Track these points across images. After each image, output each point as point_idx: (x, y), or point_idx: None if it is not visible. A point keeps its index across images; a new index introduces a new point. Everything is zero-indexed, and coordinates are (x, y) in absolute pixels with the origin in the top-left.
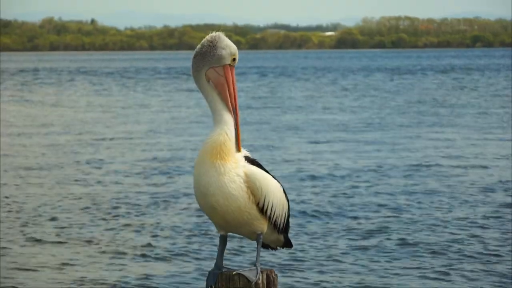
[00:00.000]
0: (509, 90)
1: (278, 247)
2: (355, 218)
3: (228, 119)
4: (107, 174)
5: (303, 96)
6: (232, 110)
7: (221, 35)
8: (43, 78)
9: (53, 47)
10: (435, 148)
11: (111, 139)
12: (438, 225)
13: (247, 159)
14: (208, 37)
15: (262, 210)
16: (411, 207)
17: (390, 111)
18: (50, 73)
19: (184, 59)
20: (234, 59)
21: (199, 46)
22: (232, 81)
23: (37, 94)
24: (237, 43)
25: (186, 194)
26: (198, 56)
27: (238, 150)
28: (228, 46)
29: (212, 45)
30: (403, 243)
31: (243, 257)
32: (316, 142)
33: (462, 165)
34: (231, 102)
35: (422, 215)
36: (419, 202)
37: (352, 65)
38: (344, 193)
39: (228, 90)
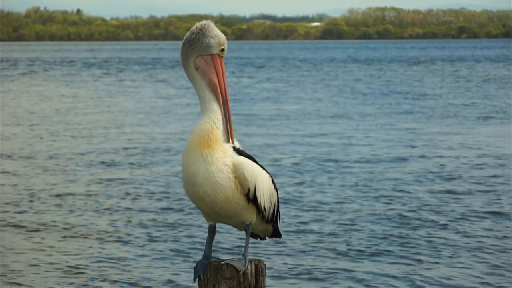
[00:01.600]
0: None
1: (267, 237)
2: (344, 208)
3: (216, 108)
4: (81, 164)
5: (267, 88)
6: (221, 99)
7: (210, 23)
8: (21, 68)
9: (39, 37)
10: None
11: (80, 128)
12: (432, 219)
13: (235, 149)
14: (197, 24)
15: (250, 200)
16: (402, 198)
17: (346, 101)
18: (29, 63)
19: (165, 49)
20: (222, 49)
21: (188, 33)
22: (222, 70)
23: (10, 84)
24: (223, 33)
25: (172, 183)
26: (187, 43)
27: (231, 141)
28: (217, 35)
29: (201, 33)
30: (394, 234)
31: (231, 247)
32: (272, 134)
33: (431, 155)
34: (221, 91)
35: (415, 207)
36: (410, 193)
37: (332, 55)
38: (333, 183)
39: (218, 80)
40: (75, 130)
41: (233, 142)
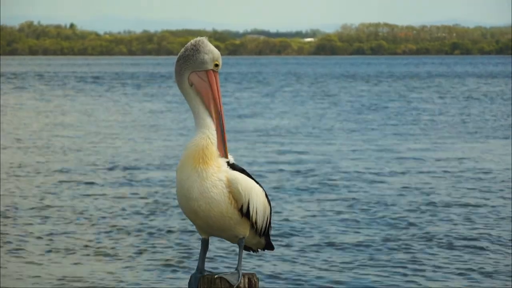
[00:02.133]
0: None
1: (259, 249)
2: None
3: (210, 123)
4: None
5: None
6: (216, 115)
7: (204, 40)
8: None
9: (32, 51)
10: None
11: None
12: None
13: (230, 164)
14: (191, 41)
15: (244, 214)
16: (399, 204)
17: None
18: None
19: (160, 64)
20: (216, 65)
21: (182, 50)
22: (216, 86)
23: None
24: (216, 48)
25: (161, 195)
26: (181, 60)
27: (226, 156)
28: (211, 51)
29: (195, 49)
30: (387, 239)
31: (225, 261)
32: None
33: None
34: (215, 107)
35: (411, 212)
36: (407, 199)
37: (322, 71)
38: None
39: (213, 95)
40: (62, 144)
41: (227, 157)
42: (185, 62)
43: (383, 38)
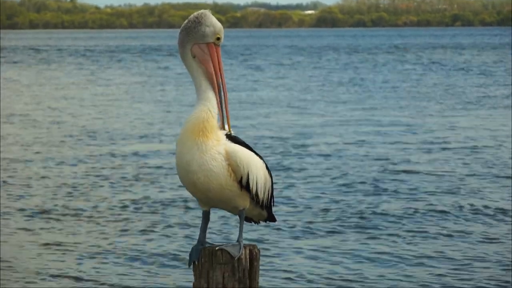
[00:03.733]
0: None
1: (260, 221)
2: (342, 195)
3: (211, 96)
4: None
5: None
6: (218, 88)
7: (207, 12)
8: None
9: (33, 25)
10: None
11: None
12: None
13: (229, 136)
14: (195, 13)
15: (243, 187)
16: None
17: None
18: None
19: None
20: (218, 38)
21: (185, 21)
22: (218, 59)
23: None
24: (218, 21)
25: (164, 169)
26: (183, 31)
27: (228, 129)
28: (212, 24)
29: (197, 22)
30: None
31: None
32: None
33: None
34: (217, 80)
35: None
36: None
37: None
38: (332, 171)
39: (214, 69)
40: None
41: (229, 130)
42: (187, 34)
43: (384, 9)
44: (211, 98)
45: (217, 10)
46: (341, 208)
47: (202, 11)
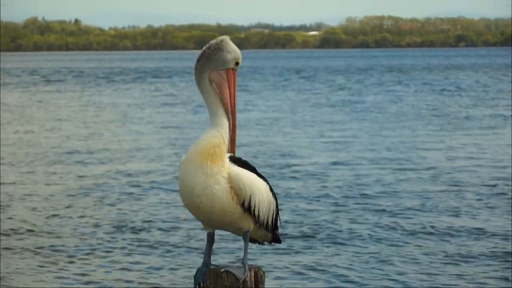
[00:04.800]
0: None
1: (265, 242)
2: (354, 219)
3: (225, 122)
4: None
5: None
6: (230, 112)
7: (227, 39)
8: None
9: (37, 47)
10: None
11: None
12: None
13: (232, 158)
14: (215, 40)
15: (246, 209)
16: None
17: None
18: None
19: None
20: (237, 63)
21: (205, 48)
22: (234, 84)
23: None
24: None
25: (168, 189)
26: (204, 58)
27: (233, 151)
28: (233, 50)
29: (218, 48)
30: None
31: (231, 255)
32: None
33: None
34: (230, 104)
35: (415, 214)
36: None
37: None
38: (336, 191)
39: (230, 93)
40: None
41: (234, 154)
42: (208, 60)
43: (388, 30)
44: (225, 124)
45: (221, 31)
46: (342, 227)
47: (222, 37)
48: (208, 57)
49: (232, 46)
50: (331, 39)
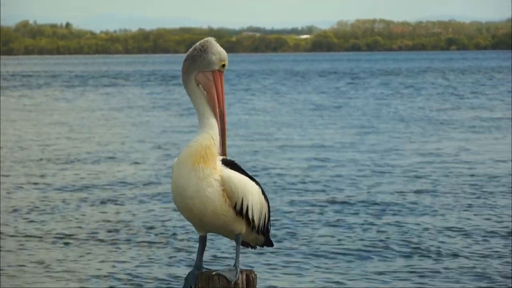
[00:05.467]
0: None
1: (257, 246)
2: (340, 217)
3: (214, 123)
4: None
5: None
6: (219, 114)
7: (212, 40)
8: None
9: (28, 51)
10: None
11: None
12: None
13: (224, 161)
14: (200, 42)
15: (239, 212)
16: (401, 206)
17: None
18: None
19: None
20: (223, 65)
21: (190, 50)
22: (221, 86)
23: None
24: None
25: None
26: (189, 59)
27: (224, 154)
28: (218, 52)
29: (203, 50)
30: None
31: (224, 258)
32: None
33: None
34: (219, 107)
35: (412, 214)
36: (409, 202)
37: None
38: (330, 191)
39: (217, 95)
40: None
41: (225, 155)
42: (193, 62)
43: (379, 34)
44: (214, 126)
45: (212, 35)
46: (336, 230)
47: (207, 39)
48: (193, 59)
49: (217, 47)
50: (322, 43)
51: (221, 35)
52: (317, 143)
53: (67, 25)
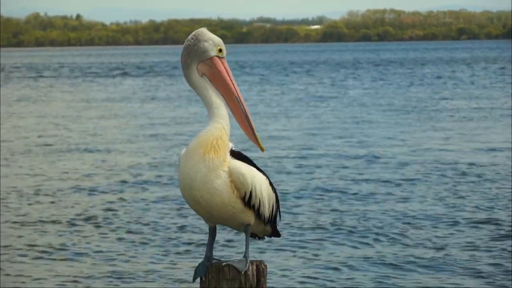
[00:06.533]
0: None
1: (265, 237)
2: (344, 210)
3: (224, 113)
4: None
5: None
6: (234, 100)
7: (203, 29)
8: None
9: (39, 43)
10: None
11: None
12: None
13: (232, 152)
14: (191, 33)
15: (247, 203)
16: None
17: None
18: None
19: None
20: (220, 50)
21: (184, 43)
22: (227, 71)
23: None
24: (222, 37)
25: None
26: (185, 52)
27: (256, 141)
28: (210, 38)
29: (195, 39)
30: (391, 237)
31: (233, 249)
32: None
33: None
34: (231, 91)
35: (416, 211)
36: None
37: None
38: (336, 184)
39: (226, 81)
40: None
41: (259, 144)
42: (189, 53)
43: (390, 24)
44: (225, 116)
45: (223, 26)
46: (345, 223)
47: (198, 29)
48: (189, 50)
49: (209, 34)
50: (333, 33)
51: (232, 26)
52: (307, 132)
53: (78, 16)
